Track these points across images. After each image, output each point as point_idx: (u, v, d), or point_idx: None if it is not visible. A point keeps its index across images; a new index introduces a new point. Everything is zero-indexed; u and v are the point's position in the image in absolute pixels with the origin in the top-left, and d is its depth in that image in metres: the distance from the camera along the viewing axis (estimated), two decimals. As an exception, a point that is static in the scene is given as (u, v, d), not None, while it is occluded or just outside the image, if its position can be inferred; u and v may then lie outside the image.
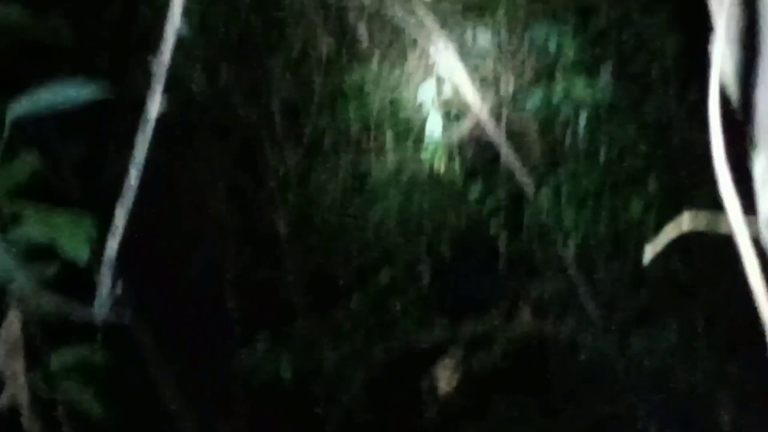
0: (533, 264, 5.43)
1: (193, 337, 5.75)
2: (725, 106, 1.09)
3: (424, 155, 5.72)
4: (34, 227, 2.27)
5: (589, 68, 5.19)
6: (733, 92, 1.10)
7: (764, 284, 0.99)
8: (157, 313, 5.52)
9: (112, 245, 2.17)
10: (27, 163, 2.73)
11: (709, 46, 1.02)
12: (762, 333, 1.04)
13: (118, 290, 2.29)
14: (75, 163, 5.68)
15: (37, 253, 2.32)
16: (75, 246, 2.25)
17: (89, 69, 5.61)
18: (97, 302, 2.29)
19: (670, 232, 0.94)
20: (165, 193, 5.49)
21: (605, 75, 5.11)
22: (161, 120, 2.03)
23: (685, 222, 0.94)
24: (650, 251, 0.98)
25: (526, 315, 5.18)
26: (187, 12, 1.83)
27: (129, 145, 2.11)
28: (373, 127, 6.32)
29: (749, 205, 1.07)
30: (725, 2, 1.01)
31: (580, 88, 5.10)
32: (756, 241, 1.08)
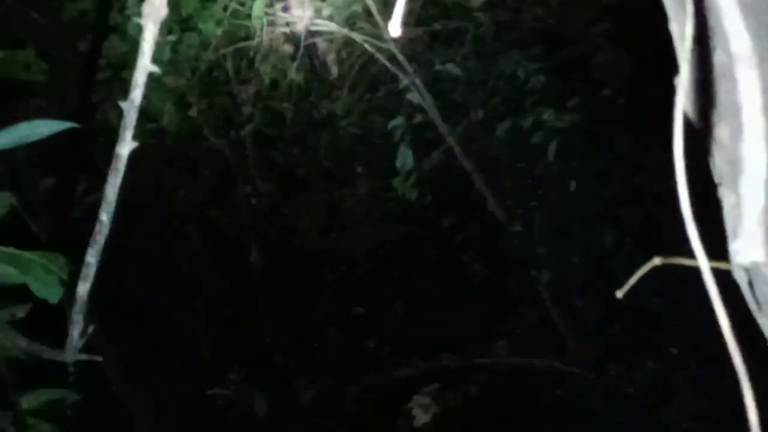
0: (508, 296, 5.43)
1: (167, 374, 5.70)
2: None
3: (396, 185, 5.73)
4: (4, 268, 2.25)
5: (558, 97, 5.22)
6: (697, 124, 1.10)
7: (734, 323, 1.00)
8: (130, 351, 5.47)
9: (84, 286, 2.15)
10: (2, 201, 2.71)
11: (675, 78, 1.01)
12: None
13: (90, 331, 2.27)
14: (47, 200, 5.65)
15: (7, 295, 2.30)
16: (46, 287, 2.23)
17: (61, 103, 5.60)
18: (68, 343, 2.27)
19: (640, 273, 0.95)
20: (137, 229, 5.45)
21: (574, 104, 5.14)
22: (132, 153, 2.01)
23: (656, 263, 0.94)
24: (622, 292, 0.98)
25: (502, 348, 5.16)
26: (157, 45, 1.82)
27: (101, 179, 2.09)
28: (344, 157, 6.34)
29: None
30: (688, 31, 1.00)
31: (550, 116, 5.12)
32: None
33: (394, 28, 1.13)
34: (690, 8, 0.90)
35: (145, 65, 1.74)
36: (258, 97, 6.36)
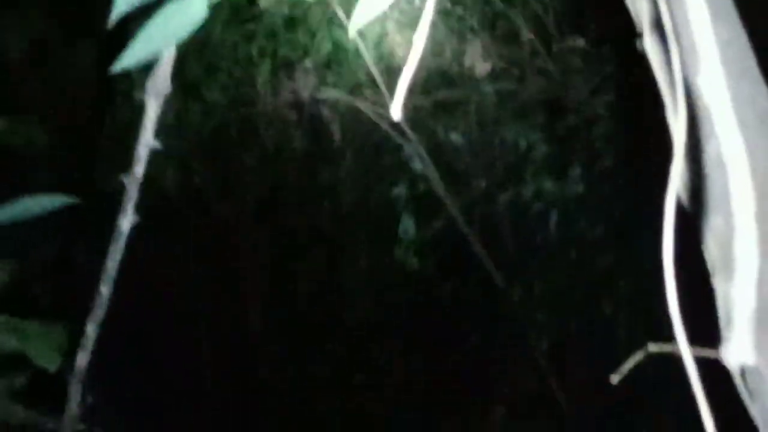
0: (507, 363, 5.41)
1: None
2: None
3: (398, 253, 5.73)
4: (4, 337, 2.25)
5: (559, 166, 5.25)
6: (691, 210, 1.10)
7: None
8: (133, 422, 5.43)
9: (83, 356, 2.16)
10: (3, 268, 2.72)
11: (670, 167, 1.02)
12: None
13: (89, 401, 2.26)
14: (47, 267, 5.65)
15: (6, 364, 2.30)
16: (45, 356, 2.23)
17: (62, 173, 5.63)
18: (66, 413, 2.26)
19: (634, 360, 0.95)
20: (138, 294, 5.44)
21: (575, 173, 5.17)
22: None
23: (650, 351, 0.95)
24: (617, 377, 0.99)
25: (499, 414, 5.13)
26: (161, 111, 1.85)
27: (103, 245, 2.11)
28: (346, 225, 6.34)
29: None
30: (681, 114, 1.01)
31: (550, 185, 5.15)
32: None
33: (396, 111, 1.14)
34: (682, 104, 0.92)
35: (147, 141, 1.77)
36: (261, 163, 6.39)
